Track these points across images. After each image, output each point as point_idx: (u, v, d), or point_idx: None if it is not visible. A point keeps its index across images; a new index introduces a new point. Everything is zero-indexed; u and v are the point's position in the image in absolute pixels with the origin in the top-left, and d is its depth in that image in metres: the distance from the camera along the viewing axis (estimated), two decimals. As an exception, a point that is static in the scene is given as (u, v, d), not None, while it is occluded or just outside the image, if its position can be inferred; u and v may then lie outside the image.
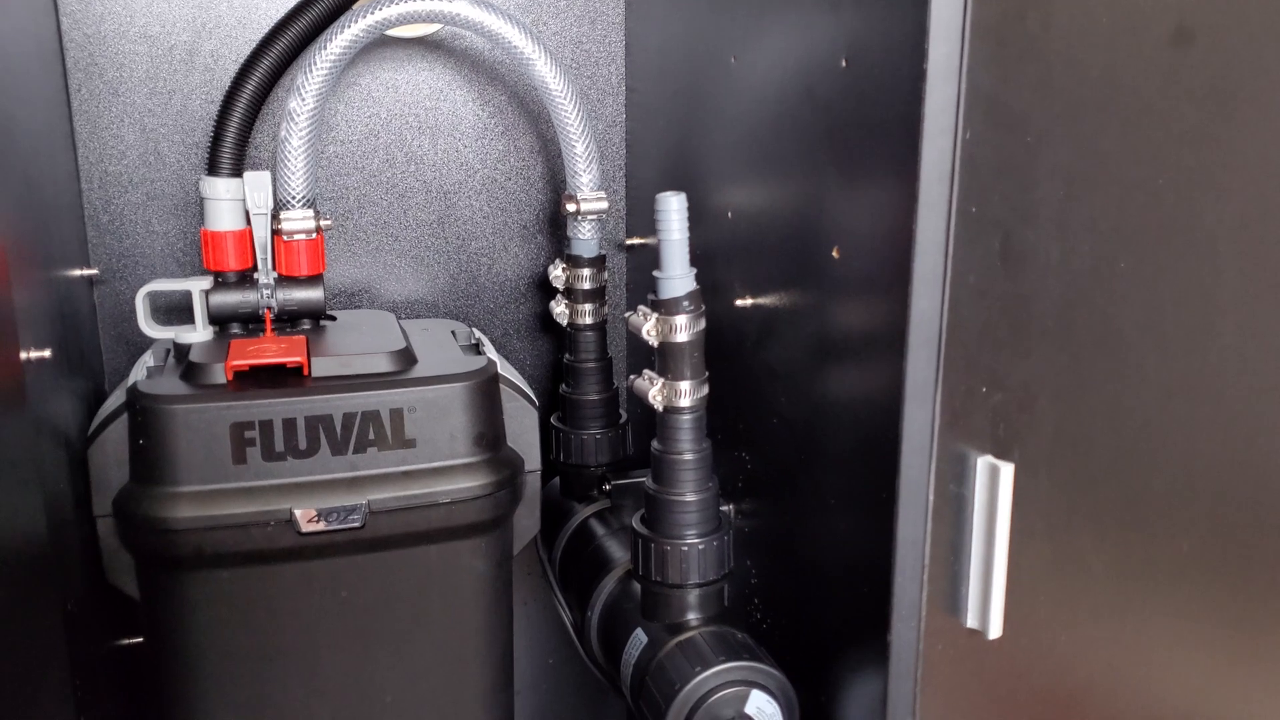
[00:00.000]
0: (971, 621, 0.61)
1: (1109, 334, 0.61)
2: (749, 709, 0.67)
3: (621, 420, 0.92)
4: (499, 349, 0.96)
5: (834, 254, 0.62)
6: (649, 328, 0.68)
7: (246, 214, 0.80)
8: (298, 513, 0.70)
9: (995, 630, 0.60)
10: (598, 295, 0.89)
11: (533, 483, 0.80)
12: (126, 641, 0.80)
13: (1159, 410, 0.64)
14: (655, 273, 0.68)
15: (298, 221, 0.80)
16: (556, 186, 0.96)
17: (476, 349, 0.82)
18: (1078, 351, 0.60)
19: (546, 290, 0.92)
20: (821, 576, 0.68)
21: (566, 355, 0.91)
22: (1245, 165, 0.62)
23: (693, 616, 0.72)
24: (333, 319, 0.84)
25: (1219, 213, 0.62)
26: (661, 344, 0.69)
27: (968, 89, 0.53)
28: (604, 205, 0.86)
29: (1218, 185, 0.61)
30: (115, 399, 0.74)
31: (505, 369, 0.81)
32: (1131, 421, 0.63)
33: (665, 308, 0.68)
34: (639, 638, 0.73)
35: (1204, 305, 0.63)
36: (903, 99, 0.54)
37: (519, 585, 1.03)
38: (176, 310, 0.87)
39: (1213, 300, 0.63)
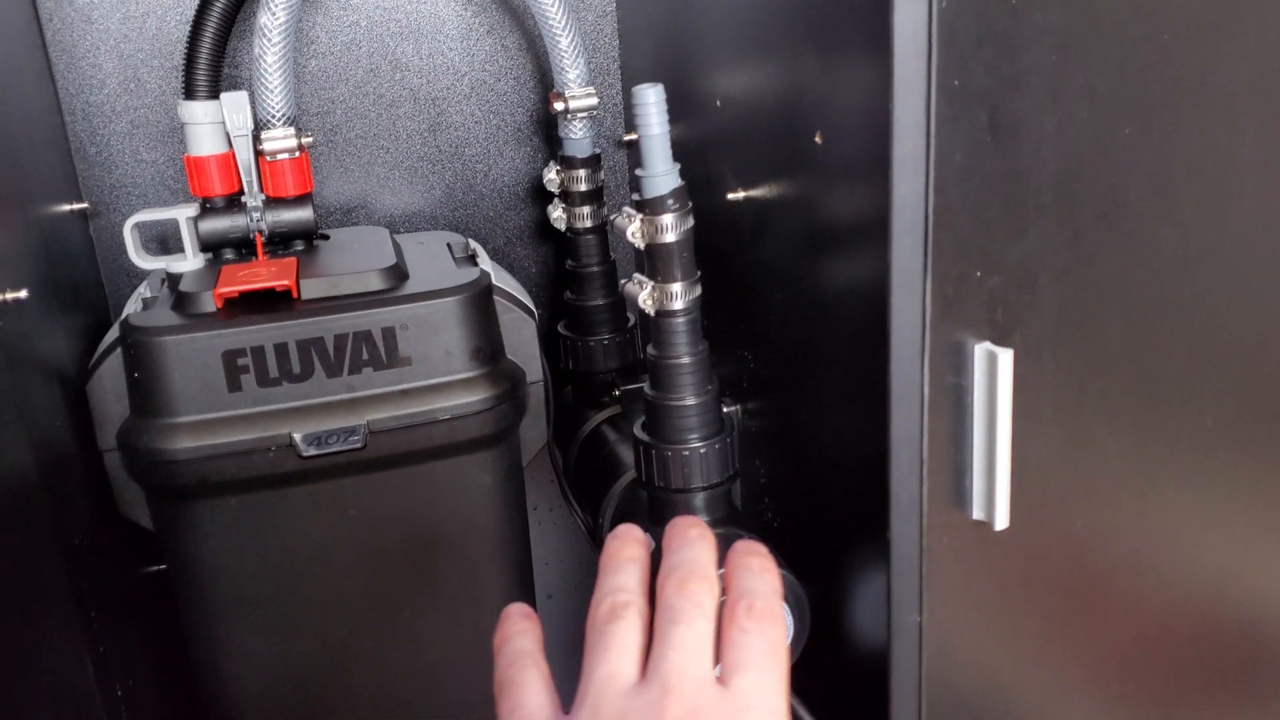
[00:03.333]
0: (978, 513, 0.59)
1: (1114, 206, 0.57)
2: (757, 610, 0.66)
3: (629, 324, 0.90)
4: (500, 258, 0.95)
5: (816, 139, 0.59)
6: (634, 230, 0.66)
7: (228, 137, 0.78)
8: (297, 436, 0.70)
9: (1002, 521, 0.58)
10: (595, 197, 0.86)
11: (536, 394, 0.78)
12: (153, 569, 0.81)
13: (1173, 283, 0.60)
14: (637, 171, 0.65)
15: (279, 141, 0.78)
16: (548, 85, 0.93)
17: (471, 261, 0.80)
18: (1080, 227, 0.57)
19: (546, 194, 0.90)
20: (823, 474, 0.66)
21: (568, 261, 0.89)
22: (1264, 10, 0.57)
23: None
24: (326, 238, 0.83)
25: (1234, 66, 0.57)
26: (649, 246, 0.66)
27: (940, -50, 0.49)
28: (593, 101, 0.83)
29: (1232, 35, 0.57)
30: (113, 333, 0.74)
31: (502, 279, 0.79)
32: (1143, 297, 0.60)
33: (650, 208, 0.65)
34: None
35: (1221, 169, 0.59)
36: (870, -34, 0.50)
37: (544, 493, 1.04)
38: (174, 238, 0.86)
39: (1231, 162, 0.59)
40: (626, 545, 0.46)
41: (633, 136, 0.94)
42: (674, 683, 0.38)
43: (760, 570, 0.43)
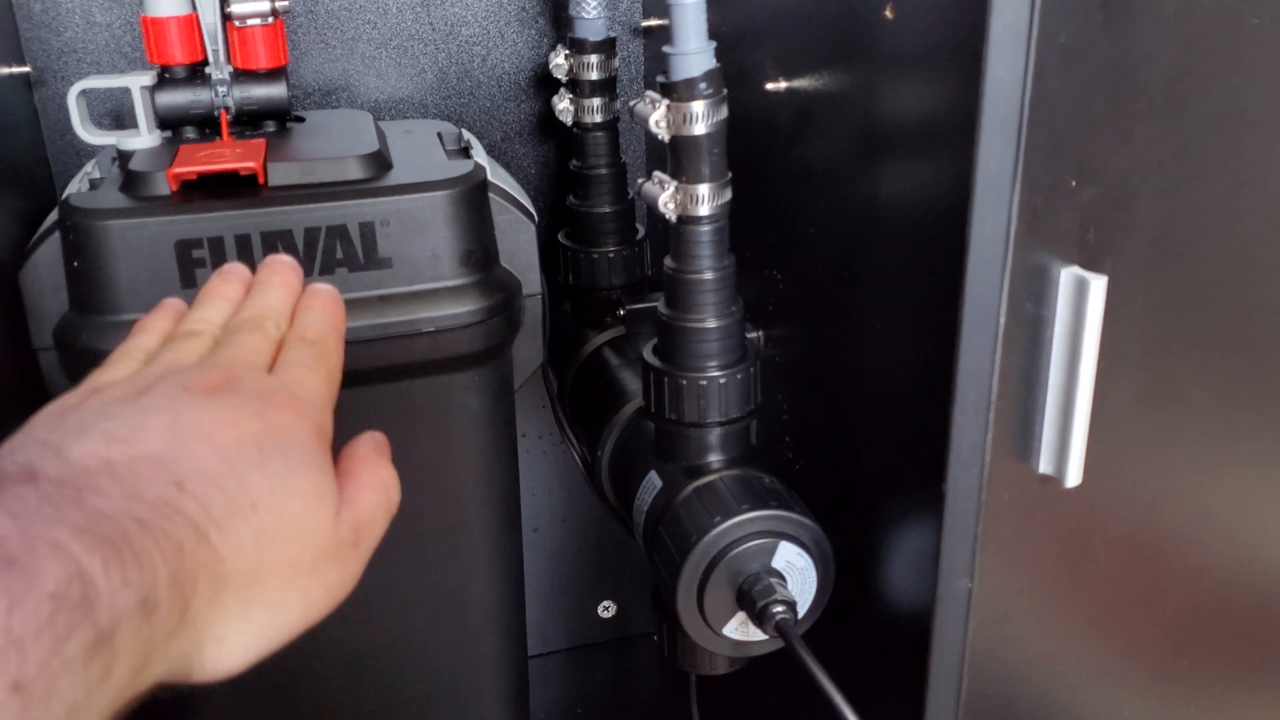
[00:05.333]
0: (1045, 467, 0.51)
1: (1230, 112, 0.49)
2: (776, 563, 0.58)
3: (638, 236, 0.82)
4: (497, 155, 0.85)
5: (887, 13, 0.49)
6: (658, 118, 0.57)
7: (192, -3, 0.69)
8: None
9: (1074, 477, 0.51)
10: (607, 87, 0.77)
11: (532, 308, 0.70)
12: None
13: (1284, 207, 0.52)
14: (665, 48, 0.56)
15: (250, 3, 0.68)
16: (559, -42, 0.83)
17: (464, 153, 0.71)
18: (1190, 135, 0.48)
19: (552, 84, 0.80)
20: (865, 413, 0.58)
21: (573, 161, 0.80)
22: None
23: (714, 458, 0.63)
24: (301, 120, 0.73)
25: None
26: (674, 138, 0.57)
27: None
28: (612, -24, 0.73)
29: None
30: (51, 217, 0.65)
31: (497, 176, 0.70)
32: (1250, 223, 0.51)
33: (678, 92, 0.56)
34: (653, 481, 0.64)
35: (1356, 76, 0.50)
36: None
37: (533, 420, 0.96)
38: (130, 114, 0.76)
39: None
40: (226, 283, 0.45)
41: (652, 22, 0.84)
42: (221, 361, 0.39)
43: (322, 309, 0.44)
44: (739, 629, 0.60)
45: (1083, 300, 0.47)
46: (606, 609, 1.09)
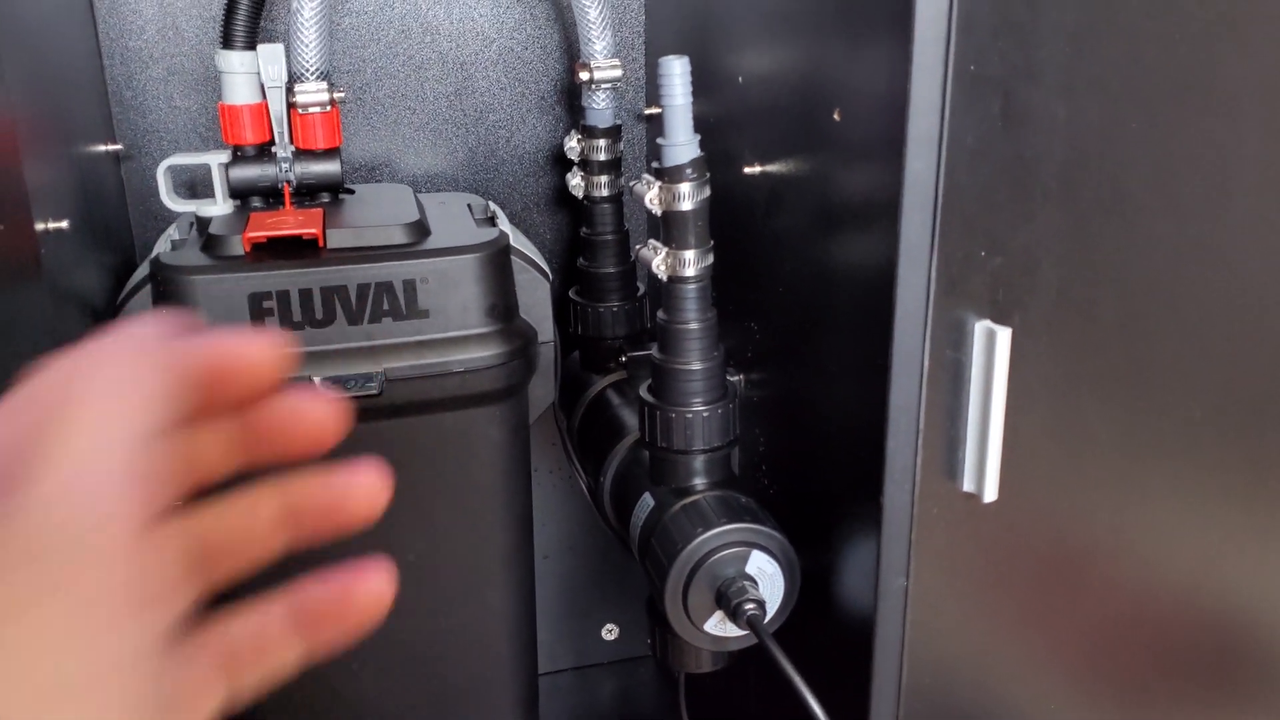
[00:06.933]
0: (968, 485, 0.62)
1: (1116, 196, 0.60)
2: (750, 569, 0.69)
3: (639, 293, 0.93)
4: (518, 223, 0.97)
5: (835, 117, 0.61)
6: (652, 196, 0.68)
7: (262, 88, 0.81)
8: (316, 380, 0.72)
9: (991, 493, 0.61)
10: (613, 167, 0.89)
11: (546, 354, 0.81)
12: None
13: (1169, 274, 0.63)
14: (659, 140, 0.68)
15: (312, 94, 0.80)
16: (573, 56, 0.95)
17: (491, 222, 0.83)
18: (1083, 214, 0.59)
19: (566, 163, 0.92)
20: (822, 442, 0.69)
21: (583, 228, 0.91)
22: (1271, 12, 0.59)
23: (699, 481, 0.73)
24: (351, 192, 0.85)
25: (1240, 66, 0.59)
26: (665, 213, 0.69)
27: (964, -59, 0.51)
28: (618, 73, 0.85)
29: (1239, 36, 0.59)
30: (141, 271, 0.76)
31: (519, 241, 0.81)
32: (1139, 286, 0.62)
33: (669, 176, 0.68)
34: (646, 501, 0.75)
35: (1221, 166, 0.61)
36: (897, -47, 0.52)
37: (545, 455, 1.06)
38: (202, 184, 0.88)
39: (1232, 160, 0.61)
40: None
41: (653, 110, 0.96)
42: None
43: None
44: (717, 625, 0.70)
45: (992, 349, 0.58)
46: (610, 631, 1.17)
